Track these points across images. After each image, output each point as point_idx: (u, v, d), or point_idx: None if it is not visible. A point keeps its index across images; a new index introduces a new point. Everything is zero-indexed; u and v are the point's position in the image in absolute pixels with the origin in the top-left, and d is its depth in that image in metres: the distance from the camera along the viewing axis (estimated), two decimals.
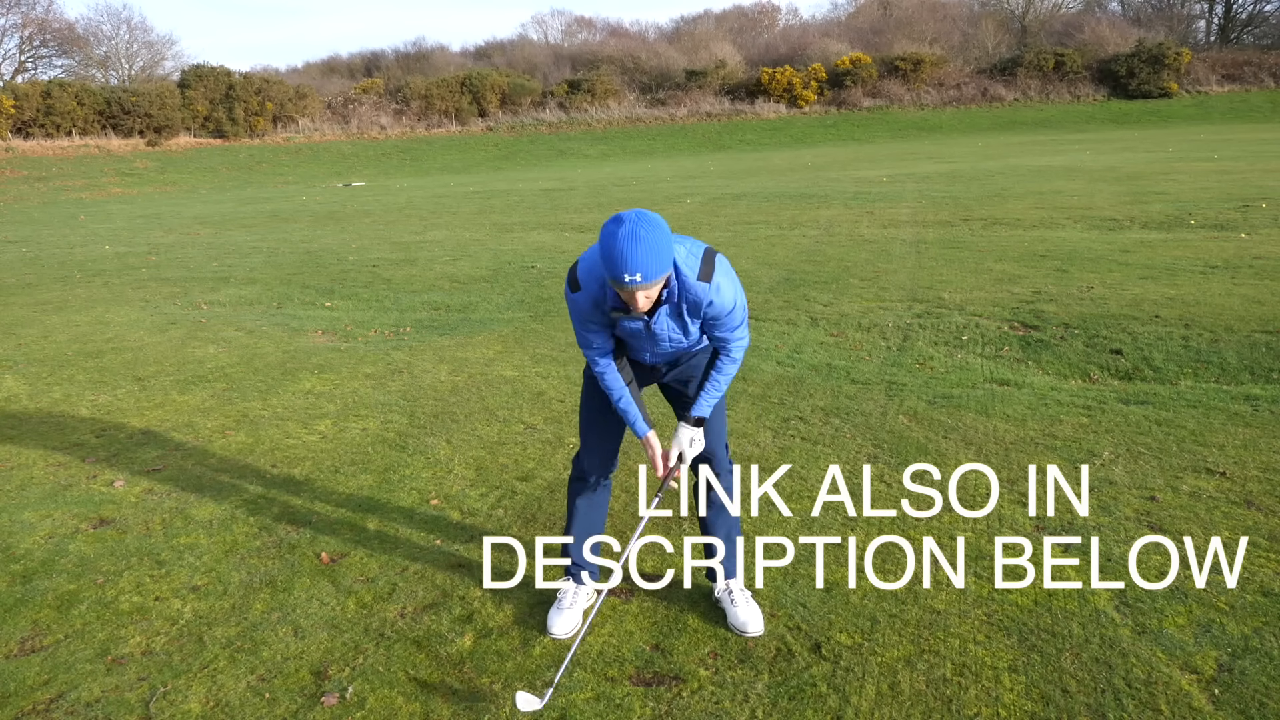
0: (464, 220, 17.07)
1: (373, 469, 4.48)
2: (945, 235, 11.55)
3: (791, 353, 6.39)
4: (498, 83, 50.53)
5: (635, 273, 2.39)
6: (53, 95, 40.67)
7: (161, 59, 56.90)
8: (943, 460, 4.25)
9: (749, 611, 2.91)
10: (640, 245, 2.38)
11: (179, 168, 38.62)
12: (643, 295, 2.47)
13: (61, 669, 2.84)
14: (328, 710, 2.59)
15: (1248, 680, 2.54)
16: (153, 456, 4.78)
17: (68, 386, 6.26)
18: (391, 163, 41.86)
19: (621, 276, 2.40)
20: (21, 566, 3.54)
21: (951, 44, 56.16)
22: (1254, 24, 59.31)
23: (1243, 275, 7.99)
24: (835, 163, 28.82)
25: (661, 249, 2.42)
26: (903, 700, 2.53)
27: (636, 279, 2.40)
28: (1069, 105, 50.36)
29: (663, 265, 2.44)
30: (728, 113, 50.92)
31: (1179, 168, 19.08)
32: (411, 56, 61.50)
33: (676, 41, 59.20)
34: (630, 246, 2.37)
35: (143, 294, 10.19)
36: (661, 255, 2.42)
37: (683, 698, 2.58)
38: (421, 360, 6.64)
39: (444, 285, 9.90)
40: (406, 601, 3.18)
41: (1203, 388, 5.25)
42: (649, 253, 2.39)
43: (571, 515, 3.07)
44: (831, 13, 70.81)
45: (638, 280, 2.40)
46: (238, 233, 16.72)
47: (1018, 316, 6.99)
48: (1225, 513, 3.57)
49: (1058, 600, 3.00)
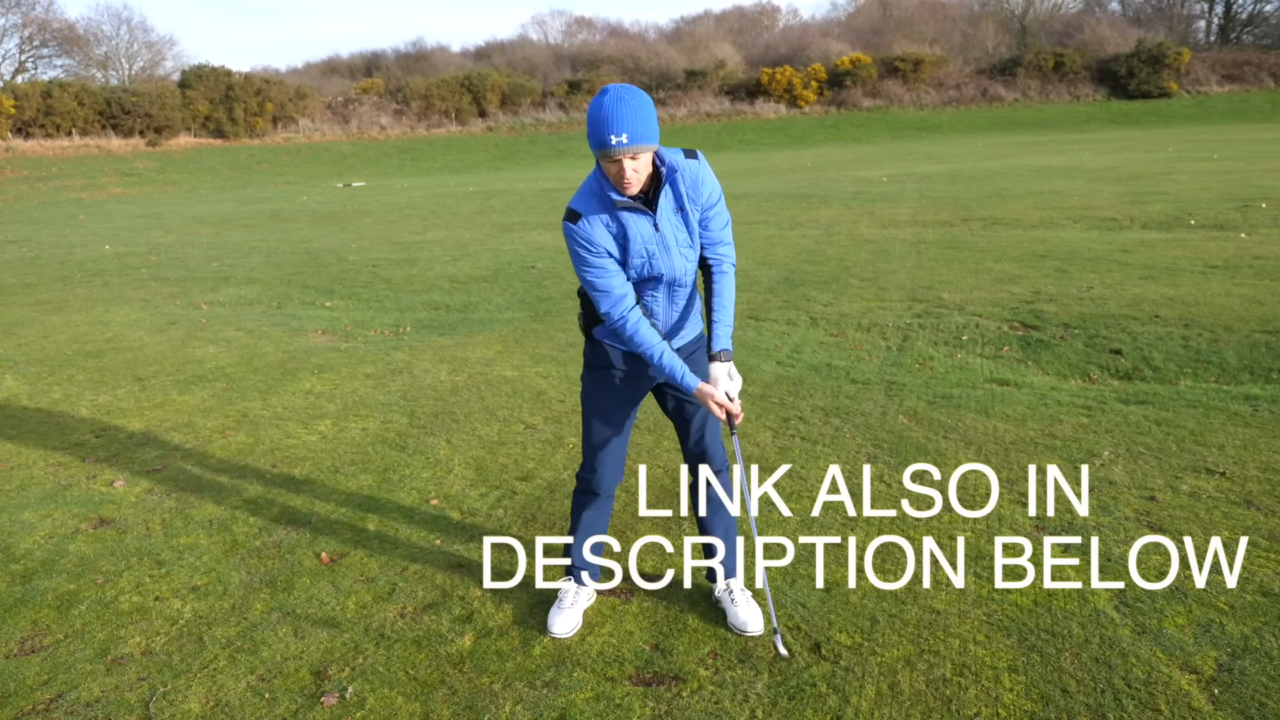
0: (464, 220, 17.07)
1: (373, 469, 4.48)
2: (945, 235, 11.55)
3: (791, 353, 6.39)
4: (498, 83, 50.56)
5: (622, 133, 2.37)
6: (53, 95, 40.68)
7: (162, 59, 57.02)
8: (943, 460, 4.24)
9: (749, 611, 2.90)
10: (624, 106, 2.38)
11: (179, 168, 38.62)
12: (631, 166, 2.44)
13: (61, 669, 2.84)
14: (328, 710, 2.59)
15: (1248, 680, 2.54)
16: (153, 456, 4.78)
17: (68, 386, 6.26)
18: (391, 163, 41.86)
19: (608, 139, 2.37)
20: (21, 566, 3.54)
21: (951, 44, 56.20)
22: (1254, 24, 59.34)
23: (1243, 275, 7.99)
24: (835, 163, 28.82)
25: (646, 113, 2.42)
26: (903, 700, 2.53)
27: (623, 139, 2.37)
28: (1069, 105, 50.37)
29: (648, 131, 2.42)
30: (728, 113, 50.94)
31: (1179, 168, 19.08)
32: (411, 57, 61.56)
33: (676, 42, 59.24)
34: (615, 108, 2.37)
35: (143, 294, 10.19)
36: (646, 119, 2.42)
37: (683, 698, 2.58)
38: (421, 360, 6.64)
39: (444, 285, 9.90)
40: (406, 601, 3.18)
41: (1203, 388, 5.25)
42: (634, 114, 2.38)
43: (576, 524, 3.02)
44: (831, 13, 70.91)
45: (624, 142, 2.37)
46: (238, 233, 16.72)
47: (1018, 316, 7.00)
48: (1225, 513, 3.57)
49: (1058, 600, 3.00)
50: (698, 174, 2.62)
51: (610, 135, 2.37)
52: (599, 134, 2.39)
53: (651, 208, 2.58)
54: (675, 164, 2.59)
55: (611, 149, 2.38)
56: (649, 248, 2.61)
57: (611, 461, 2.94)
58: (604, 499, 3.01)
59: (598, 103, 2.39)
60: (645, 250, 2.61)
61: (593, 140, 2.42)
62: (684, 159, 2.61)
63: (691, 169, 2.61)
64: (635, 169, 2.45)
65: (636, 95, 2.42)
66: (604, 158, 2.43)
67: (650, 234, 2.59)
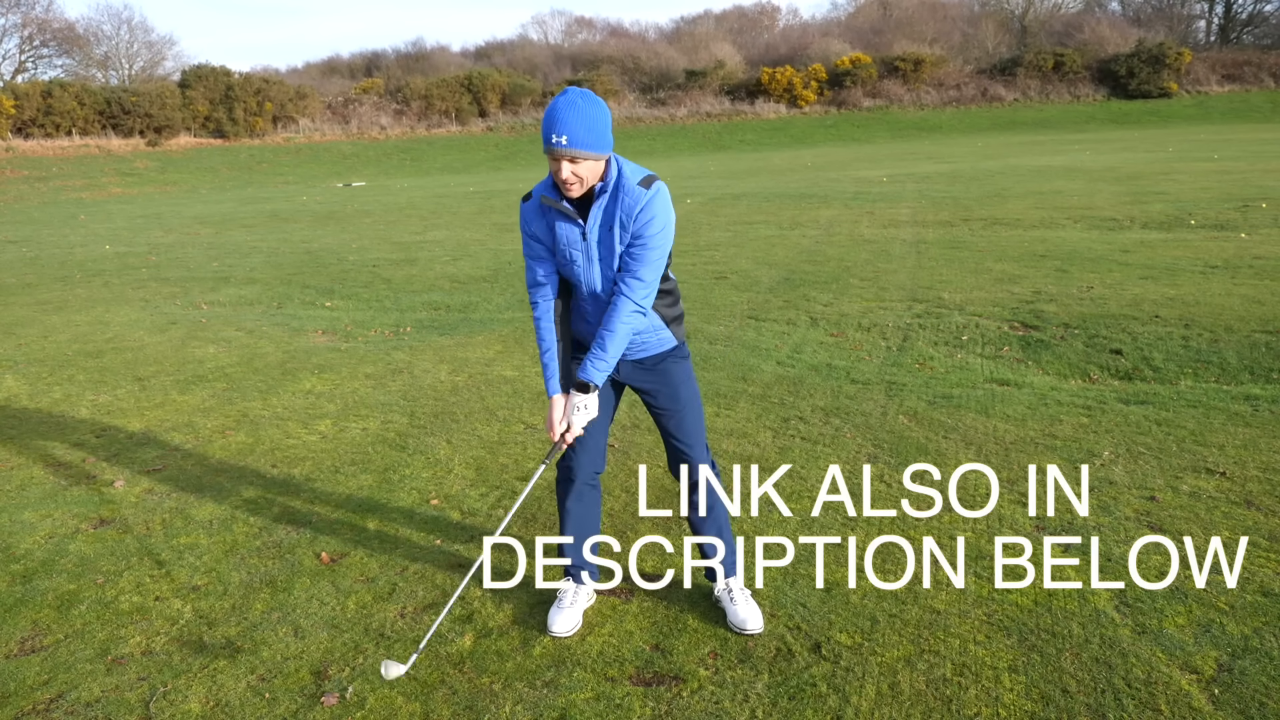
0: (464, 220, 17.07)
1: (373, 469, 4.48)
2: (945, 235, 11.55)
3: (791, 353, 6.39)
4: (498, 83, 50.55)
5: (562, 134, 2.45)
6: (53, 95, 40.68)
7: (161, 59, 57.00)
8: (943, 460, 4.24)
9: (748, 609, 2.90)
10: (573, 111, 2.46)
11: (179, 168, 38.62)
12: (570, 169, 2.50)
13: (61, 669, 2.84)
14: (328, 710, 2.59)
15: (1248, 680, 2.54)
16: (153, 456, 4.78)
17: (68, 386, 6.26)
18: (391, 163, 41.86)
19: (550, 137, 2.46)
20: (21, 566, 3.54)
21: (951, 44, 56.20)
22: (1254, 24, 59.35)
23: (1243, 275, 7.99)
24: (835, 163, 28.82)
25: (595, 121, 2.48)
26: (903, 700, 2.53)
27: (563, 141, 2.45)
28: (1069, 105, 50.37)
29: (593, 139, 2.48)
30: (728, 113, 50.94)
31: (1179, 168, 19.09)
32: (412, 57, 61.54)
33: (676, 42, 59.23)
34: (563, 110, 2.46)
35: (143, 294, 10.19)
36: (593, 128, 2.48)
37: (683, 698, 2.58)
38: (421, 360, 6.64)
39: (444, 285, 9.90)
40: (406, 601, 3.18)
41: (1203, 388, 5.25)
42: (580, 120, 2.45)
43: (564, 517, 3.00)
44: (831, 13, 70.92)
45: (563, 143, 2.45)
46: (238, 233, 16.72)
47: (1018, 316, 7.00)
48: (1225, 513, 3.57)
49: (1058, 600, 3.00)
50: (641, 202, 2.59)
51: (553, 134, 2.47)
52: (546, 130, 2.49)
53: (584, 218, 2.64)
54: (624, 184, 2.60)
55: (553, 147, 2.48)
56: (572, 253, 2.69)
57: (589, 445, 2.92)
58: (583, 486, 2.97)
59: (553, 101, 2.49)
60: (568, 254, 2.70)
61: (543, 135, 2.52)
62: (637, 184, 2.60)
63: (637, 195, 2.59)
64: (575, 172, 2.52)
65: (591, 102, 2.49)
66: (548, 155, 2.52)
67: (576, 240, 2.67)
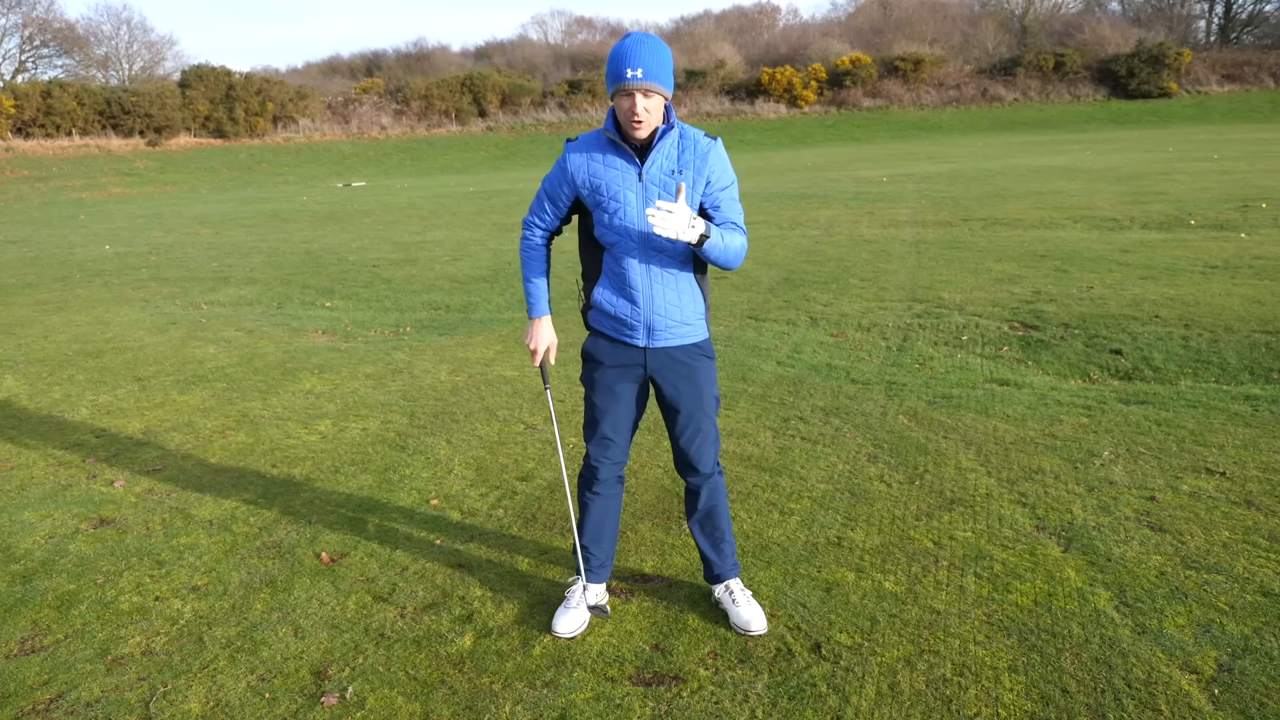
0: (464, 220, 17.07)
1: (373, 469, 4.48)
2: (945, 235, 11.55)
3: (791, 353, 6.39)
4: (498, 83, 50.52)
5: (638, 67, 2.46)
6: (53, 95, 40.67)
7: (161, 59, 56.98)
8: (943, 460, 4.24)
9: (751, 610, 2.90)
10: (644, 47, 2.49)
11: (179, 168, 38.61)
12: (643, 104, 2.50)
13: (61, 669, 2.84)
14: (328, 710, 2.59)
15: (1248, 680, 2.54)
16: (153, 456, 4.78)
17: (68, 386, 6.26)
18: (392, 163, 41.85)
19: (624, 72, 2.46)
20: (21, 566, 3.54)
21: (951, 44, 56.16)
22: (1254, 24, 59.31)
23: (1243, 275, 7.99)
24: (835, 163, 28.82)
25: (664, 59, 2.52)
26: (903, 700, 2.53)
27: (638, 74, 2.45)
28: (1069, 105, 50.35)
29: (663, 75, 2.51)
30: (728, 113, 50.91)
31: (1179, 168, 19.08)
32: (412, 57, 61.56)
33: (676, 41, 59.17)
34: (636, 45, 2.48)
35: (143, 294, 10.19)
36: (665, 64, 2.51)
37: (683, 698, 2.58)
38: (421, 360, 6.64)
39: (444, 285, 9.90)
40: (406, 601, 3.18)
41: (1203, 388, 5.25)
42: (652, 54, 2.48)
43: (584, 517, 2.98)
44: (831, 13, 70.96)
45: (639, 76, 2.46)
46: (238, 233, 16.72)
47: (1018, 316, 7.00)
48: (1225, 513, 3.57)
49: (1057, 600, 3.00)
50: (709, 152, 2.64)
51: (627, 69, 2.46)
52: (617, 68, 2.49)
53: (643, 160, 2.64)
54: (686, 130, 2.65)
55: (626, 82, 2.47)
56: (625, 194, 2.64)
57: (615, 436, 2.88)
58: (606, 490, 2.95)
59: (620, 43, 2.51)
60: (620, 195, 2.65)
61: (610, 77, 2.52)
62: (703, 136, 2.66)
63: (704, 145, 2.65)
64: (646, 107, 2.52)
65: (658, 42, 2.53)
66: (619, 92, 2.51)
67: (632, 180, 2.64)
